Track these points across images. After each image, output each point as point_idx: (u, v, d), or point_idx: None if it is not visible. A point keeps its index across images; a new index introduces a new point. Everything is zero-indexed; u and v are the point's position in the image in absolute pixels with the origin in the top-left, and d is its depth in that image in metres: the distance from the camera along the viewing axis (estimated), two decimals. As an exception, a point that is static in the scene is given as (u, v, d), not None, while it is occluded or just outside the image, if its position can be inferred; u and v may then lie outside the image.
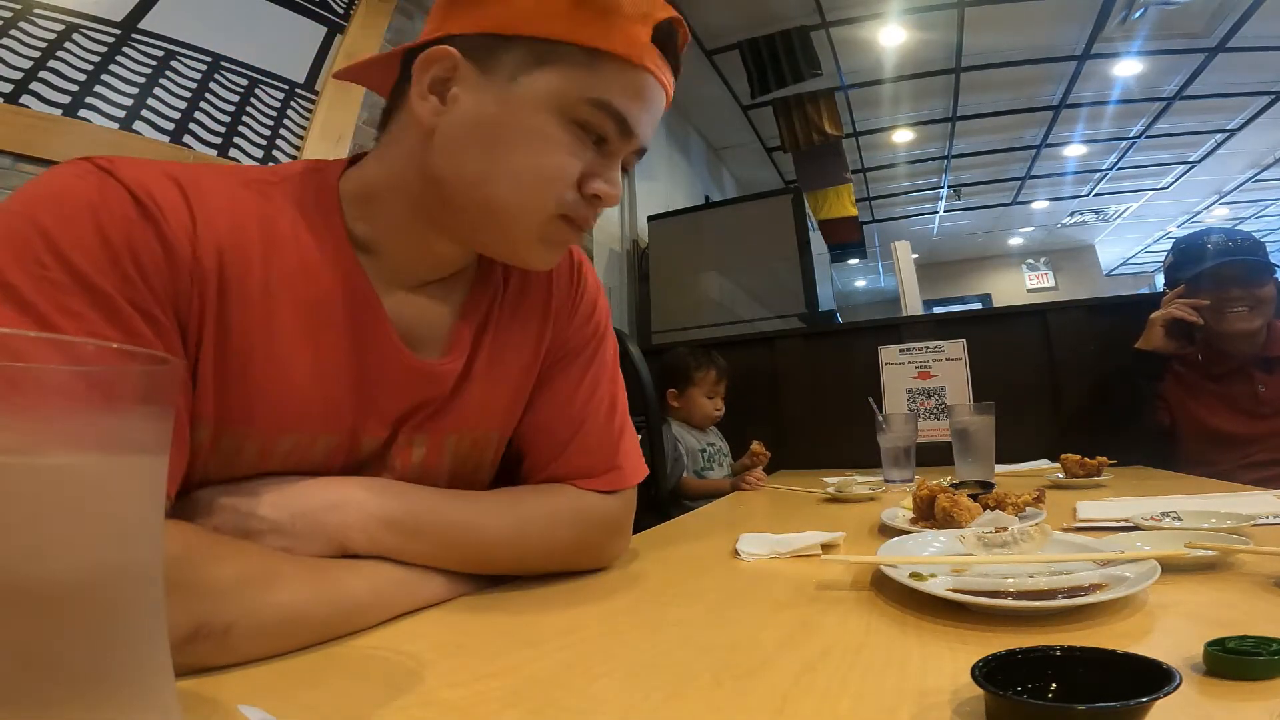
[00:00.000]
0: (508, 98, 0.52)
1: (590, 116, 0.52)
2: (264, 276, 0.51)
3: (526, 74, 0.51)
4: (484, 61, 0.52)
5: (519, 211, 0.54)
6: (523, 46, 0.51)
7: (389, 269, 0.57)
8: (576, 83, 0.51)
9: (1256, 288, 1.57)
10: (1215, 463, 1.55)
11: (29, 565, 0.22)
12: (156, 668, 0.27)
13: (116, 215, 0.44)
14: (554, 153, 0.53)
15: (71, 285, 0.41)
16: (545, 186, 0.53)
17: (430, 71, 0.52)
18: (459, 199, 0.54)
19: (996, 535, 0.58)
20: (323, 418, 0.54)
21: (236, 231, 0.50)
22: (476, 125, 0.52)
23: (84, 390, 0.24)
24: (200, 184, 0.50)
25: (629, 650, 0.44)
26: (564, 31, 0.51)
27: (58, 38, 1.28)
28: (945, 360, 2.04)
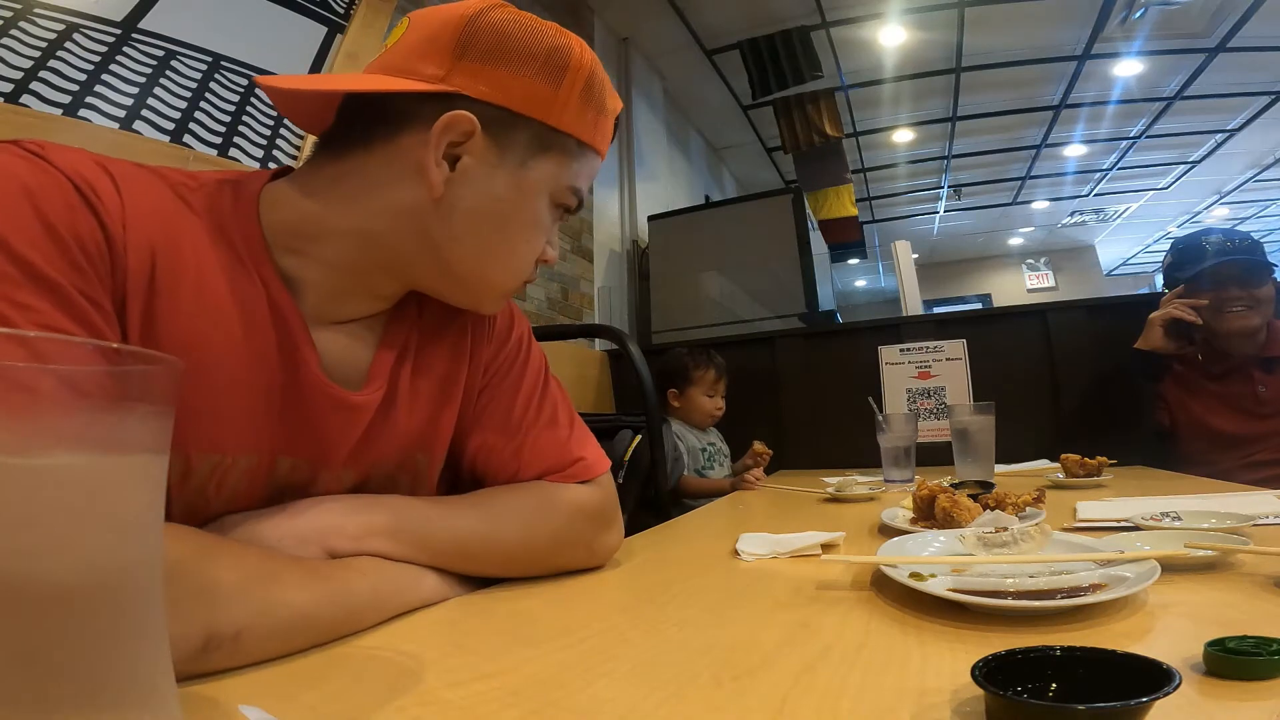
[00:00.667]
0: (518, 183, 0.55)
1: (566, 199, 0.58)
2: (193, 288, 0.49)
3: (534, 159, 0.55)
4: (499, 137, 0.54)
5: (502, 280, 0.59)
6: (532, 129, 0.54)
7: (311, 305, 0.55)
8: (566, 171, 0.57)
9: (1255, 287, 1.57)
10: (1215, 462, 1.55)
11: (28, 565, 0.22)
12: (157, 667, 0.27)
13: (58, 202, 0.42)
14: (541, 234, 0.58)
15: (20, 277, 0.39)
16: (529, 261, 0.59)
17: (448, 137, 0.52)
18: (451, 263, 0.56)
19: (996, 535, 0.58)
20: (243, 439, 0.52)
21: (168, 233, 0.48)
22: (489, 203, 0.55)
23: (83, 390, 0.24)
24: (131, 179, 0.48)
25: (629, 650, 0.44)
26: (569, 124, 0.55)
27: (58, 38, 1.28)
28: (945, 360, 2.04)
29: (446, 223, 0.54)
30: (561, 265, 2.88)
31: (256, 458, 0.53)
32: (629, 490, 1.55)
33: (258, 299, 0.52)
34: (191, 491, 0.50)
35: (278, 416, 0.53)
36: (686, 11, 3.66)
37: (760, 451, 1.95)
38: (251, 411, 0.52)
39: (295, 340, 0.54)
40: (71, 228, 0.43)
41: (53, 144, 0.46)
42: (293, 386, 0.54)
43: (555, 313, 2.78)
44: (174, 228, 0.49)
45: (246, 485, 0.53)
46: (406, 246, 0.55)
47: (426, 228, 0.54)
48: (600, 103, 0.57)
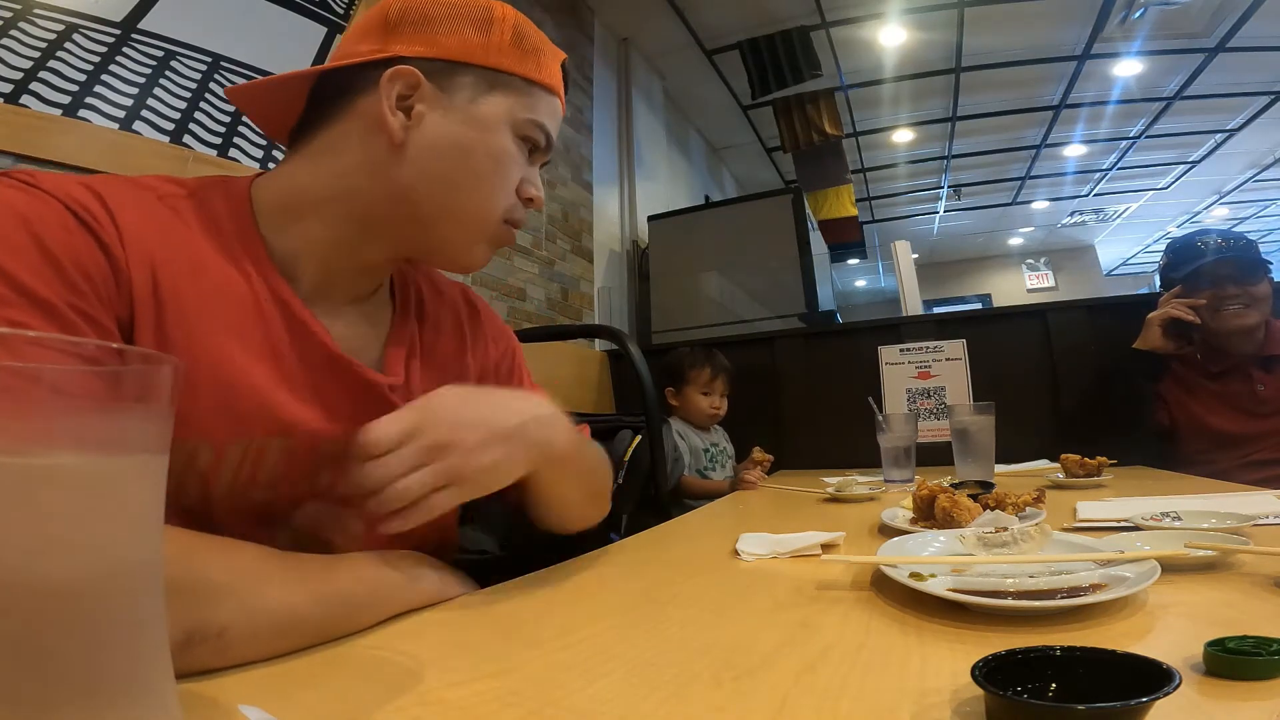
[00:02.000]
0: (472, 117, 0.59)
1: (530, 132, 0.62)
2: (195, 290, 0.51)
3: (482, 96, 0.59)
4: (443, 83, 0.58)
5: (479, 214, 0.61)
6: (474, 73, 0.59)
7: (308, 288, 0.59)
8: (520, 106, 0.61)
9: (1251, 285, 1.57)
10: (1215, 462, 1.55)
11: (29, 565, 0.22)
12: (157, 667, 0.27)
13: (53, 225, 0.45)
14: (508, 165, 0.61)
15: (13, 296, 0.41)
16: (502, 192, 0.62)
17: (396, 87, 0.57)
18: (424, 205, 0.59)
19: (996, 535, 0.58)
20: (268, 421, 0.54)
21: (164, 245, 0.51)
22: (449, 140, 0.59)
23: (84, 390, 0.24)
24: (119, 196, 0.50)
25: (629, 650, 0.44)
26: (509, 64, 0.60)
27: (58, 38, 1.28)
28: (945, 360, 2.04)
29: (413, 164, 0.58)
30: (561, 265, 2.88)
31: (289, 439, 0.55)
32: (629, 490, 1.55)
33: (259, 288, 0.55)
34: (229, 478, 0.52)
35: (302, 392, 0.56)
36: (686, 11, 3.66)
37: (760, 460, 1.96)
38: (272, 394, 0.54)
39: (302, 321, 0.57)
40: (68, 250, 0.45)
41: (42, 172, 0.48)
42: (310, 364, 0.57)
43: (555, 313, 2.78)
44: (169, 238, 0.52)
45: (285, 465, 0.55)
46: (379, 199, 0.59)
47: (396, 174, 0.58)
48: (536, 46, 0.62)
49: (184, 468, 0.50)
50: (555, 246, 2.84)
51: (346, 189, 0.58)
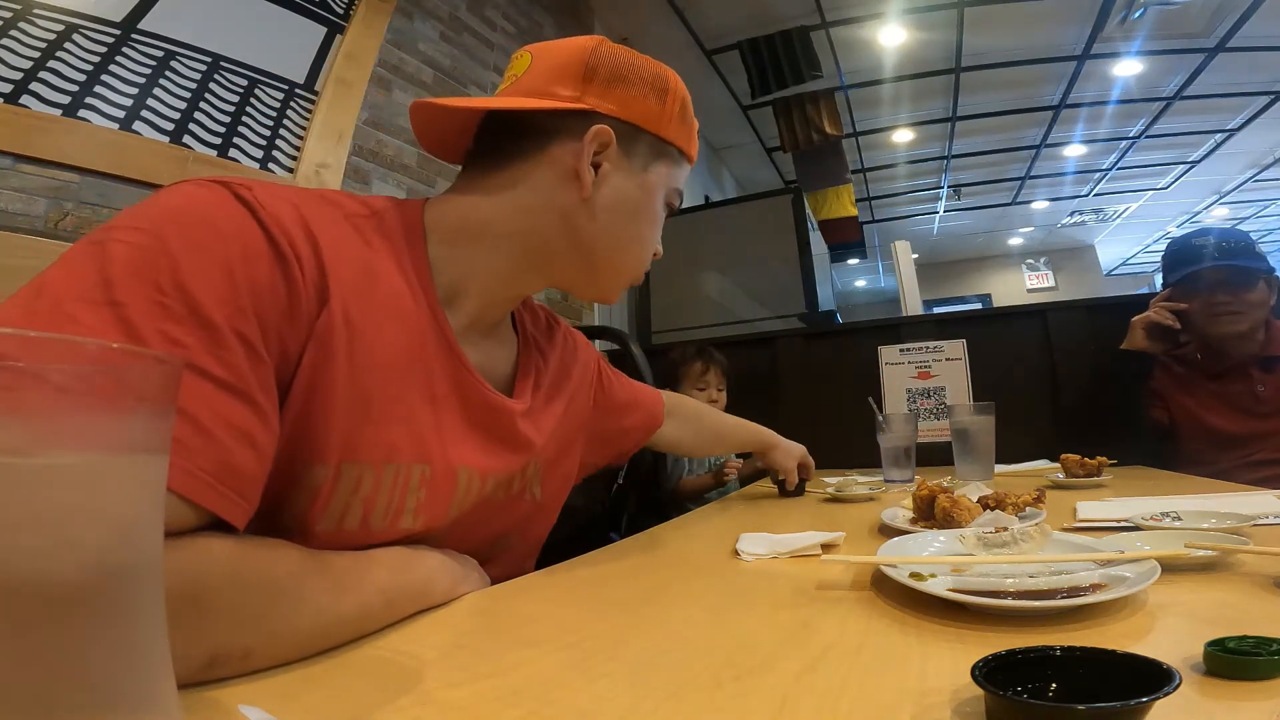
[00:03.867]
0: (643, 182, 0.66)
1: (674, 200, 0.70)
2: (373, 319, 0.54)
3: (652, 164, 0.66)
4: (626, 146, 0.64)
5: (634, 266, 0.69)
6: (648, 140, 0.65)
7: (465, 314, 0.63)
8: (673, 176, 0.69)
9: (1244, 292, 1.56)
10: (1215, 462, 1.55)
11: (28, 565, 0.22)
12: (157, 667, 0.27)
13: (251, 251, 0.45)
14: (657, 226, 0.70)
15: (182, 312, 0.41)
16: (649, 250, 0.70)
17: (594, 146, 0.62)
18: (595, 253, 0.65)
19: (996, 535, 0.58)
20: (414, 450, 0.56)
21: (356, 278, 0.53)
22: (625, 200, 0.65)
23: (84, 390, 0.24)
24: (324, 226, 0.52)
25: (629, 650, 0.44)
26: (673, 136, 0.67)
27: (58, 38, 1.28)
28: (945, 360, 2.04)
29: (593, 218, 0.64)
30: (561, 265, 2.88)
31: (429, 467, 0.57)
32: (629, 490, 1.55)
33: (424, 318, 0.59)
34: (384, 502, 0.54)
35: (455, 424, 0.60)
36: (686, 11, 3.66)
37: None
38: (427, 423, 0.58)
39: (456, 354, 0.60)
40: (251, 277, 0.45)
41: (262, 185, 0.49)
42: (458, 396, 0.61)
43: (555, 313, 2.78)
44: (363, 264, 0.54)
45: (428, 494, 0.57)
46: (557, 240, 0.64)
47: (578, 223, 0.63)
48: (691, 119, 0.70)
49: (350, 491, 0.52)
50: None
51: (530, 227, 0.63)
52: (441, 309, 0.60)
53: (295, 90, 1.72)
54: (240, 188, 0.47)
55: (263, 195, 0.48)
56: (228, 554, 0.44)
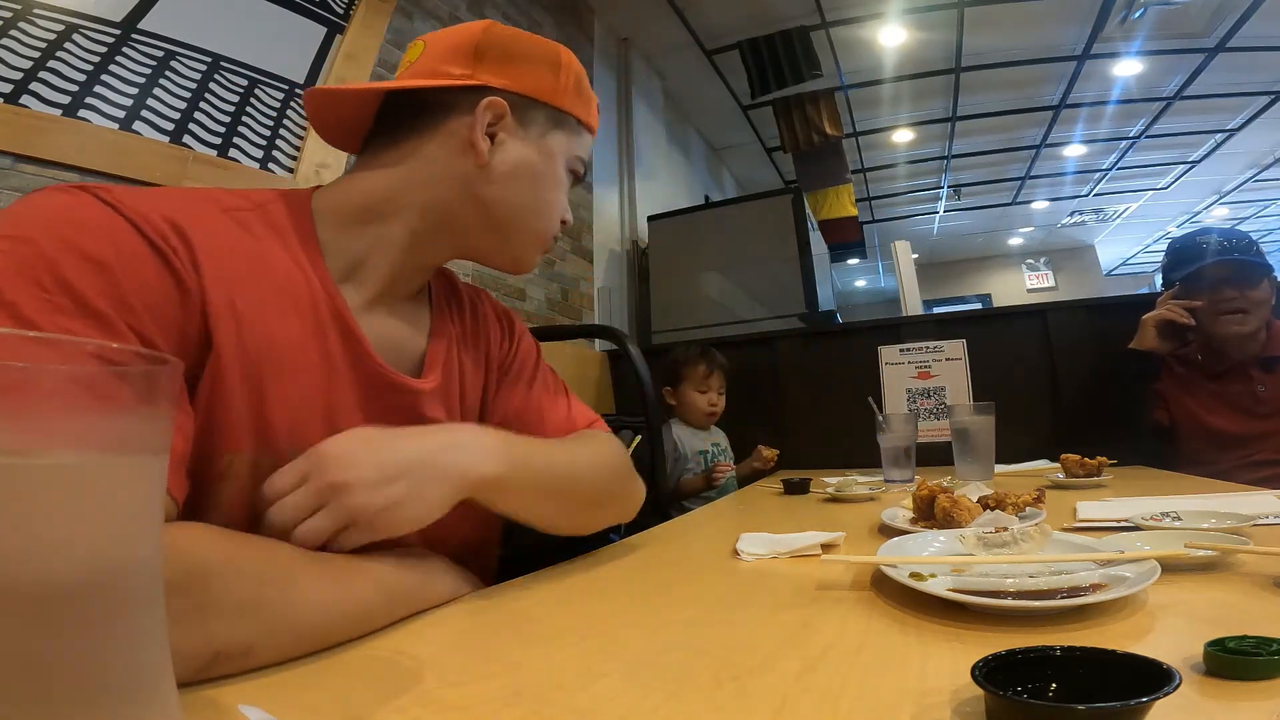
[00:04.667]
0: (542, 148, 0.68)
1: (576, 166, 0.72)
2: (261, 306, 0.54)
3: (549, 133, 0.69)
4: (521, 116, 0.67)
5: (541, 230, 0.71)
6: (544, 111, 0.68)
7: (369, 288, 0.63)
8: (573, 143, 0.71)
9: (1249, 289, 1.56)
10: (1215, 462, 1.55)
11: (28, 565, 0.22)
12: (157, 667, 0.27)
13: (125, 249, 0.46)
14: (561, 192, 0.71)
15: (73, 308, 0.42)
16: (557, 213, 0.72)
17: (487, 117, 0.64)
18: (500, 217, 0.67)
19: (996, 535, 0.58)
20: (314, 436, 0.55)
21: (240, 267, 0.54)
22: (524, 166, 0.67)
23: (84, 390, 0.24)
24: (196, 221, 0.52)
25: (629, 650, 0.44)
26: (570, 106, 0.70)
27: (58, 38, 1.28)
28: (945, 360, 2.04)
29: (492, 184, 0.66)
30: (561, 265, 2.88)
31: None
32: (629, 490, 1.55)
33: (317, 300, 0.59)
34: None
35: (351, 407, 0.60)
36: (686, 11, 3.66)
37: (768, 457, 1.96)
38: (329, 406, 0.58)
39: (353, 333, 0.60)
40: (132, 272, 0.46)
41: (122, 189, 0.50)
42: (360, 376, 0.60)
43: (555, 313, 2.78)
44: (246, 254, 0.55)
45: None
46: (461, 209, 0.66)
47: (476, 189, 0.65)
48: (587, 92, 0.73)
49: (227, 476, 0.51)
50: (555, 246, 2.83)
51: (430, 197, 0.64)
52: (337, 288, 0.60)
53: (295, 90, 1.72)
54: (101, 191, 0.48)
55: (123, 196, 0.49)
56: (221, 541, 0.44)
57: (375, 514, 0.51)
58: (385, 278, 0.64)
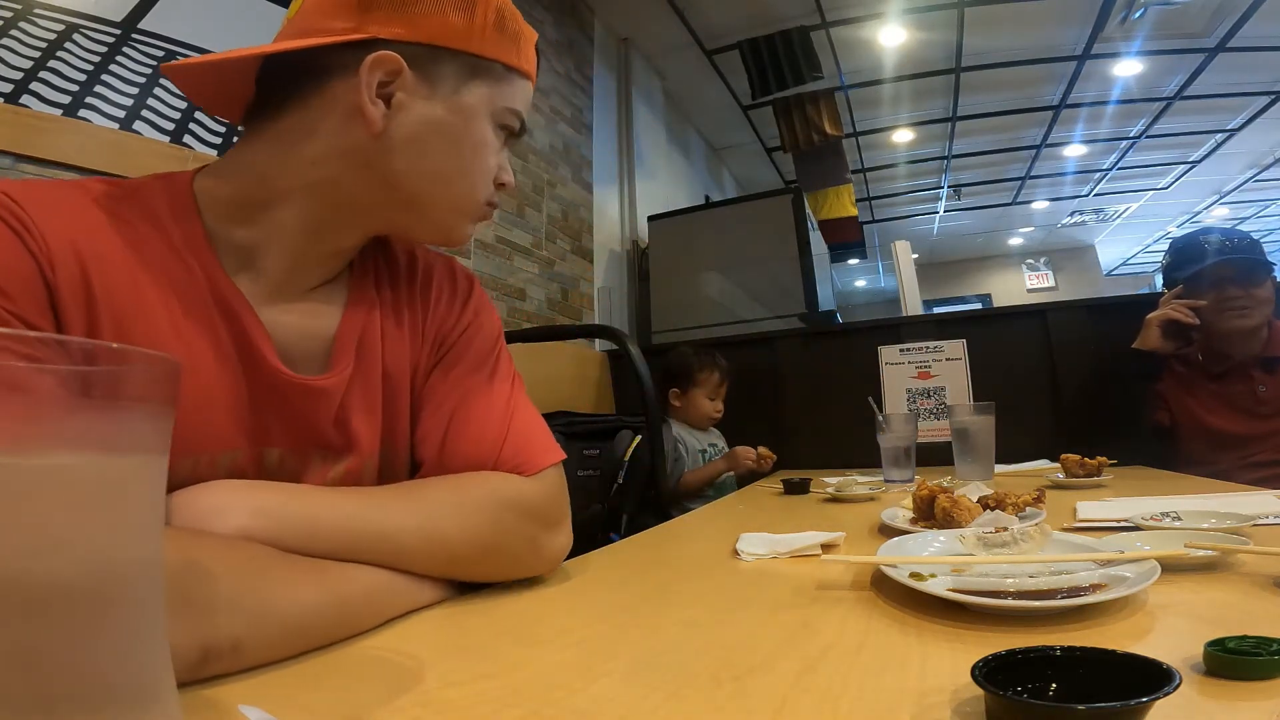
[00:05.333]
0: (456, 106, 0.58)
1: (507, 120, 0.61)
2: (129, 291, 0.49)
3: (465, 85, 0.58)
4: (424, 70, 0.56)
5: (463, 200, 0.61)
6: (457, 60, 0.57)
7: (266, 279, 0.56)
8: (499, 94, 0.60)
9: (1254, 287, 1.57)
10: (1215, 462, 1.55)
11: (28, 566, 0.22)
12: (156, 668, 0.27)
13: None
14: (489, 153, 0.61)
15: None
16: (484, 179, 0.61)
17: (376, 75, 0.54)
18: (408, 192, 0.58)
19: (996, 535, 0.58)
20: (213, 437, 0.52)
21: (93, 245, 0.49)
22: (432, 130, 0.57)
23: (83, 390, 0.24)
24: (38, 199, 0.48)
25: (629, 650, 0.44)
26: (491, 50, 0.58)
27: (58, 38, 1.28)
28: (945, 360, 2.04)
29: (392, 155, 0.56)
30: (561, 265, 2.87)
31: (239, 453, 0.54)
32: (629, 490, 1.55)
33: (201, 293, 0.53)
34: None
35: (248, 408, 0.54)
36: (686, 11, 3.66)
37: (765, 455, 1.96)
38: (218, 407, 0.53)
39: (247, 329, 0.54)
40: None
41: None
42: (255, 376, 0.54)
43: (555, 313, 2.78)
44: (102, 240, 0.50)
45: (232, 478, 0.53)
46: (359, 188, 0.57)
47: (374, 164, 0.56)
48: (516, 30, 0.61)
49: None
50: (555, 246, 2.84)
51: (321, 177, 0.56)
52: (229, 280, 0.54)
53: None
54: None
55: None
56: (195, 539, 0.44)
57: None
58: (283, 269, 0.57)
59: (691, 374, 2.05)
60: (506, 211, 2.53)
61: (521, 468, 0.62)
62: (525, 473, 0.62)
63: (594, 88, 3.37)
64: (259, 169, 0.56)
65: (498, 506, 0.58)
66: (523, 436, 0.64)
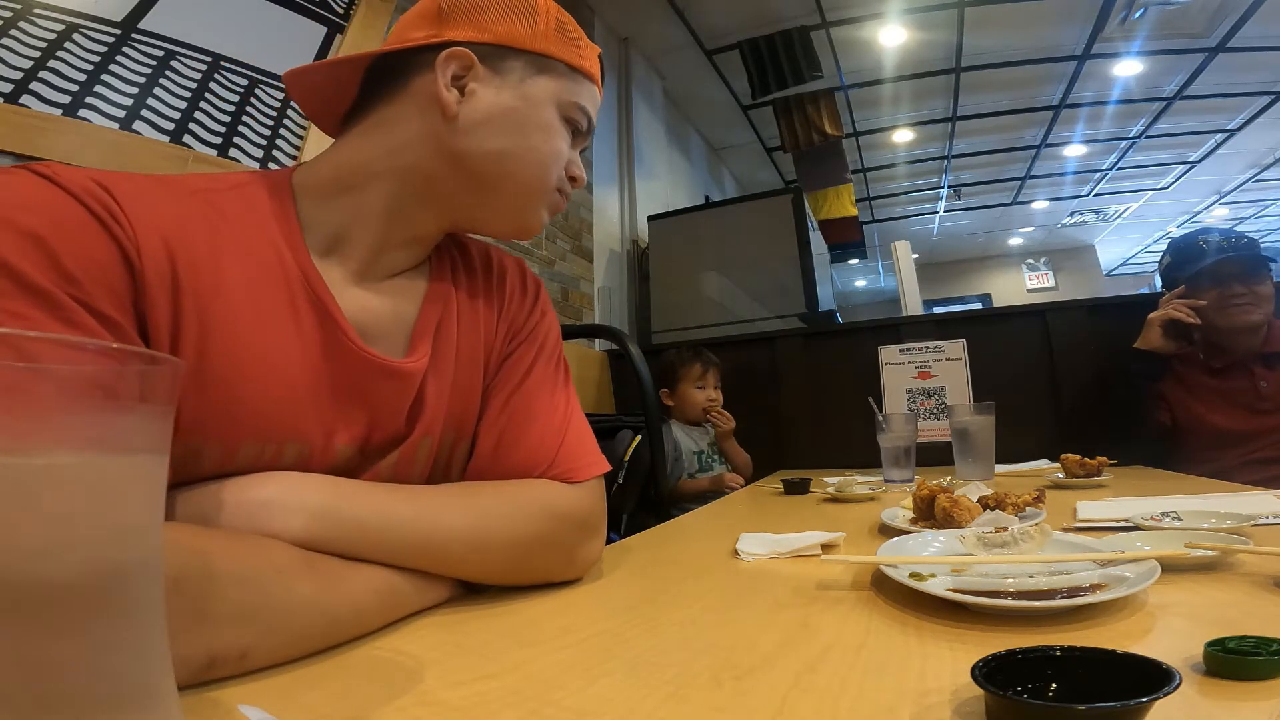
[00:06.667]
0: (523, 94, 0.62)
1: (574, 114, 0.66)
2: (215, 280, 0.51)
3: (532, 78, 0.63)
4: (495, 65, 0.62)
5: (534, 181, 0.64)
6: (523, 58, 0.63)
7: (353, 262, 0.60)
8: (566, 89, 0.65)
9: (1256, 283, 1.59)
10: (1217, 460, 1.55)
11: (28, 566, 0.22)
12: (157, 669, 0.27)
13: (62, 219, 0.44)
14: (557, 139, 0.65)
15: (13, 289, 0.41)
16: (553, 163, 0.65)
17: (451, 67, 0.60)
18: (481, 172, 0.62)
19: (996, 535, 0.58)
20: (282, 424, 0.53)
21: (182, 235, 0.51)
22: (501, 113, 0.62)
23: (83, 390, 0.24)
24: (140, 191, 0.50)
25: (629, 650, 0.44)
26: (554, 50, 0.64)
27: (58, 38, 1.28)
28: (945, 360, 2.04)
29: (465, 136, 0.61)
30: (561, 265, 2.88)
31: (309, 445, 0.55)
32: (629, 490, 1.55)
33: (288, 276, 0.55)
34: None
35: (327, 390, 0.56)
36: (686, 11, 3.66)
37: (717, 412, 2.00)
38: (297, 388, 0.54)
39: (329, 310, 0.56)
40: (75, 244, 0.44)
41: (61, 165, 0.48)
42: (335, 355, 0.56)
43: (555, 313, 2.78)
44: (194, 229, 0.52)
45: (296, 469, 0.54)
46: (437, 171, 0.61)
47: (449, 145, 0.61)
48: (577, 37, 0.67)
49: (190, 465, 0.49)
50: (555, 246, 2.84)
51: (403, 161, 0.61)
52: (314, 263, 0.57)
53: (295, 90, 1.72)
54: (39, 167, 0.46)
55: (62, 170, 0.47)
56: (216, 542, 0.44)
57: None
58: (369, 251, 0.61)
59: (675, 370, 2.07)
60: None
61: (572, 474, 0.64)
62: (574, 479, 0.64)
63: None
64: (348, 159, 0.61)
65: (546, 515, 0.60)
66: (578, 443, 0.67)
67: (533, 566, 0.61)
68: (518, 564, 0.59)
